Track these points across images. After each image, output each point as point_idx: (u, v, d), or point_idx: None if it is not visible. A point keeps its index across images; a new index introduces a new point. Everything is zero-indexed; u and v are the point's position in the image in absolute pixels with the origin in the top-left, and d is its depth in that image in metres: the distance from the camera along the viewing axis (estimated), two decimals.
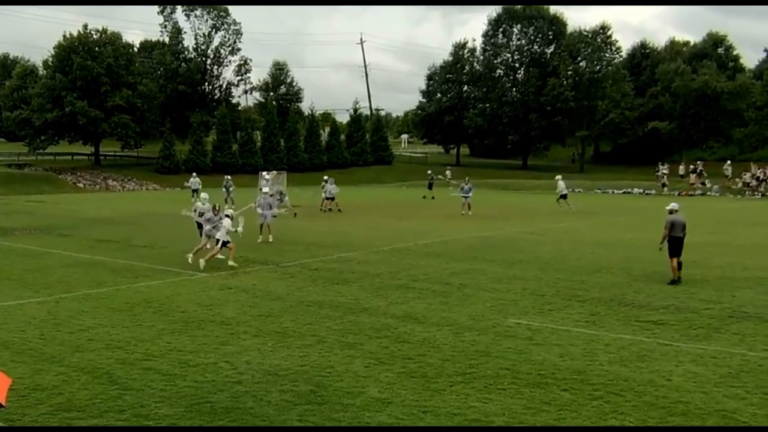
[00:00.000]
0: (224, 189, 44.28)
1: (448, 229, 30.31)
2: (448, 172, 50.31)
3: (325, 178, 43.36)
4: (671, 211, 18.53)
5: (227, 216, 20.91)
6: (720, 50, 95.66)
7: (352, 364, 11.16)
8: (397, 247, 24.12)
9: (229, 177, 47.68)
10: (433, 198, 50.68)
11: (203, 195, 24.35)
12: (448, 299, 16.17)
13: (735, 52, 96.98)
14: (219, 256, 20.65)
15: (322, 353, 11.77)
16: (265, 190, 30.26)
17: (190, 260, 20.72)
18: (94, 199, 53.43)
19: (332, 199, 40.97)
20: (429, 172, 55.53)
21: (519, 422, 8.79)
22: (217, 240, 20.43)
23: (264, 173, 43.36)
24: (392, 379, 10.44)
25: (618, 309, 15.09)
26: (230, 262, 20.52)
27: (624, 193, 62.70)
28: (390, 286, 17.82)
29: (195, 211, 23.69)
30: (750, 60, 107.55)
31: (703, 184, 63.39)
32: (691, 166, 68.15)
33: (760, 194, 57.84)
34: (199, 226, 22.90)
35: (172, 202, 47.87)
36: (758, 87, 79.59)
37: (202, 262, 20.16)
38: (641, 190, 62.83)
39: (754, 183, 59.66)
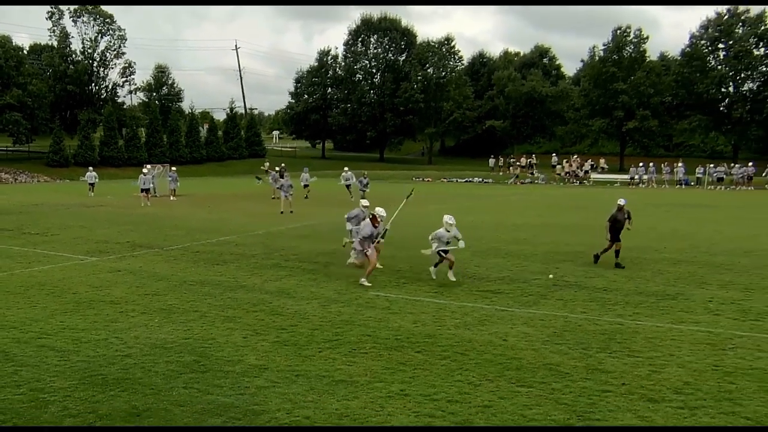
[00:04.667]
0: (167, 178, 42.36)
1: (316, 214, 30.26)
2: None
3: (346, 168, 43.06)
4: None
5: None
6: (545, 60, 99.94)
7: (231, 336, 11.02)
8: (271, 231, 23.92)
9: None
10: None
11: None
12: (316, 276, 16.17)
13: (557, 62, 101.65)
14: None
15: (204, 327, 11.56)
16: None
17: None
18: None
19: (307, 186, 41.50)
20: (278, 166, 52.76)
21: (379, 380, 8.89)
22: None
23: (162, 168, 42.13)
24: (268, 348, 10.37)
25: (462, 281, 15.47)
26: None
27: (466, 181, 64.39)
28: (264, 265, 17.67)
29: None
30: (569, 69, 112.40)
31: (532, 173, 65.87)
32: (524, 159, 70.79)
33: (578, 182, 60.65)
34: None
35: (62, 193, 45.94)
36: (576, 92, 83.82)
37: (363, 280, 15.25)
38: (480, 179, 64.80)
39: (579, 173, 62.44)
